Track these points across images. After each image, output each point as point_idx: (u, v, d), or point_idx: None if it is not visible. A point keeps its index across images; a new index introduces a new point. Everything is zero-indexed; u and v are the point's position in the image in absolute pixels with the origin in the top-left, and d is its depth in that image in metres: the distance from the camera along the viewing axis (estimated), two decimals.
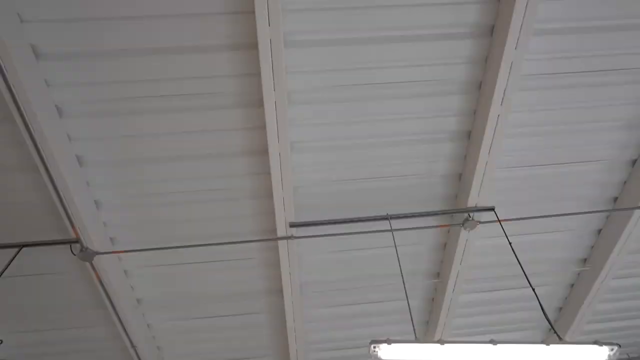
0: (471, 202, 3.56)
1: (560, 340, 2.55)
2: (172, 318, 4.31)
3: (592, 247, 4.38)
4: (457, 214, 3.68)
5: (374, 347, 2.46)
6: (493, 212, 3.61)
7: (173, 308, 4.22)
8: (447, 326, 4.52)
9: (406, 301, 4.32)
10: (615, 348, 2.48)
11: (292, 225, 3.51)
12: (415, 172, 3.56)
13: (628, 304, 5.14)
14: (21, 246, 3.26)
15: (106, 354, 4.54)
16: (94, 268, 3.39)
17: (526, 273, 3.24)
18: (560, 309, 4.90)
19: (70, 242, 3.28)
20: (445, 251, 4.13)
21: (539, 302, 2.83)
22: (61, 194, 2.95)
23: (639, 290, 4.99)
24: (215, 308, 4.27)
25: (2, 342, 3.06)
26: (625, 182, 3.86)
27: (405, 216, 3.63)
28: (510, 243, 3.25)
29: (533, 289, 2.87)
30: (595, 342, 2.50)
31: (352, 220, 3.61)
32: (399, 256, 3.85)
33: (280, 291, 4.03)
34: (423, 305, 4.62)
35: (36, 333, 4.20)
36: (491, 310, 4.77)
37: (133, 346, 4.15)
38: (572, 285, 4.75)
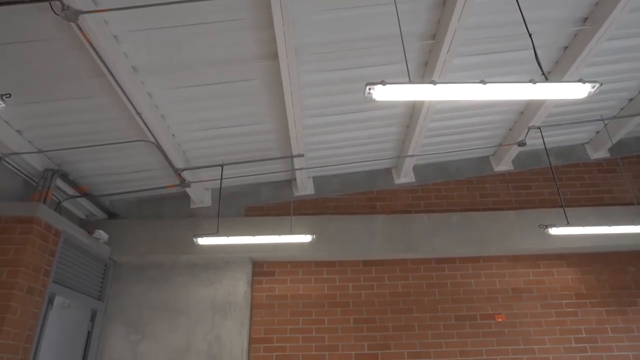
0: None
1: (547, 79, 2.67)
2: (170, 87, 4.41)
3: (597, 3, 4.24)
4: None
5: (369, 89, 2.57)
6: None
7: (170, 77, 4.27)
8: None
9: (404, 63, 4.37)
10: (597, 85, 2.62)
11: None
12: None
13: (617, 67, 5.26)
14: None
15: (112, 124, 4.79)
16: (80, 29, 3.28)
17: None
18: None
19: None
20: (444, 9, 3.99)
21: (534, 49, 2.86)
22: None
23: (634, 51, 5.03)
24: (211, 75, 4.32)
25: (10, 95, 3.17)
26: None
27: None
28: None
29: (530, 35, 2.86)
30: (579, 80, 2.62)
31: None
32: (398, 14, 3.71)
33: (275, 55, 4.03)
34: (417, 68, 4.70)
35: (35, 105, 4.33)
36: (488, 73, 4.89)
37: (138, 113, 4.34)
38: (566, 47, 4.77)
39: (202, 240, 5.22)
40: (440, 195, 6.58)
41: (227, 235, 5.17)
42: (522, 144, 5.99)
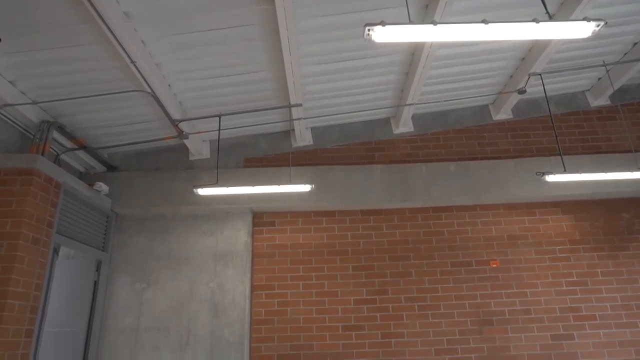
0: None
1: (551, 18, 2.60)
2: (164, 34, 4.29)
3: None
4: None
5: (368, 30, 2.51)
6: None
7: (163, 23, 4.14)
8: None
9: (404, 7, 4.24)
10: (602, 23, 2.56)
11: None
12: None
13: (623, 9, 5.10)
14: None
15: (106, 75, 4.70)
16: None
17: None
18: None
19: None
20: None
21: None
22: None
23: None
24: (206, 21, 4.19)
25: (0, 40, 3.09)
26: None
27: None
28: None
29: None
30: (584, 19, 2.55)
31: None
32: None
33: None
34: (417, 11, 4.56)
35: (26, 54, 4.23)
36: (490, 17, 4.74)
37: (132, 62, 4.25)
38: None
39: (202, 191, 5.26)
40: (439, 145, 6.58)
41: (227, 186, 5.20)
42: (522, 91, 5.92)
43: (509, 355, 5.72)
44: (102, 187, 5.74)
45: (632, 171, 5.10)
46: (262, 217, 6.36)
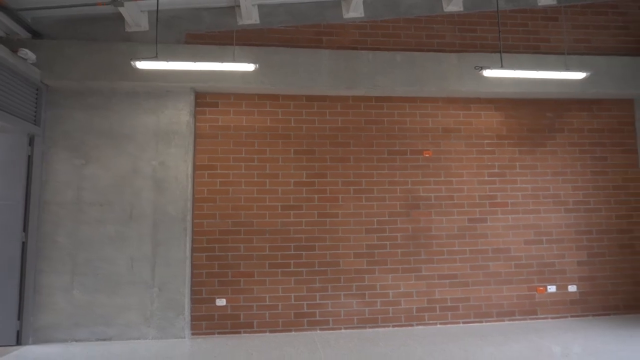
0: None
1: None
2: None
3: None
4: None
5: None
6: None
7: None
8: None
9: None
10: None
11: None
12: None
13: None
14: None
15: None
16: None
17: None
18: None
19: None
20: None
21: None
22: None
23: None
24: None
25: None
26: None
27: None
28: None
29: None
30: None
31: None
32: None
33: None
34: None
35: None
36: None
37: None
38: None
39: (141, 64, 5.03)
40: (388, 34, 6.53)
41: (167, 61, 4.99)
42: None
43: (430, 235, 6.43)
44: (28, 54, 5.31)
45: (560, 71, 5.41)
46: (205, 97, 6.25)
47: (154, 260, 5.83)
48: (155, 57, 5.08)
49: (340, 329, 6.12)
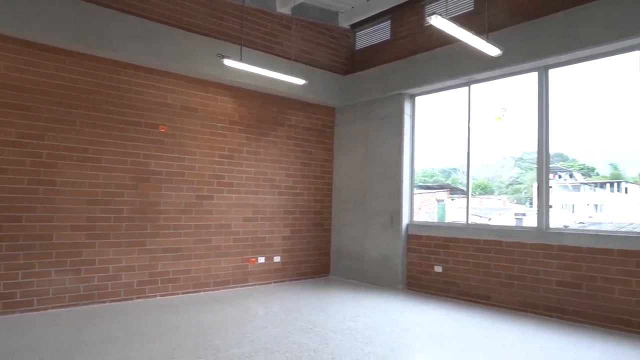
0: None
1: None
2: None
3: None
4: None
5: None
6: None
7: None
8: None
9: None
10: None
11: None
12: None
13: None
14: None
15: None
16: None
17: None
18: None
19: None
20: None
21: None
22: None
23: None
24: None
25: None
26: None
27: None
28: None
29: None
30: None
31: None
32: None
33: None
34: None
35: None
36: None
37: None
38: None
39: None
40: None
41: None
42: None
43: (158, 209, 6.46)
44: None
45: (287, 75, 6.34)
46: None
47: None
48: None
49: (47, 309, 5.51)
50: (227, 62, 6.03)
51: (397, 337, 4.80)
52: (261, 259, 7.62)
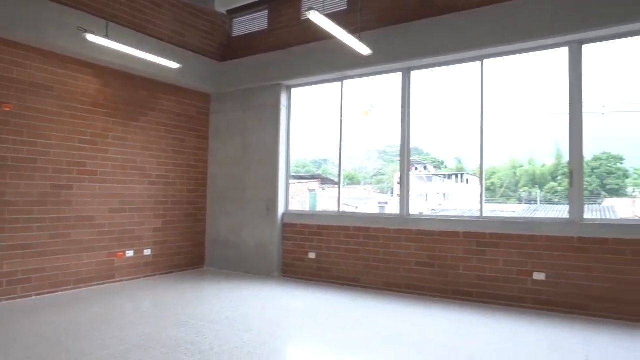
0: None
1: None
2: None
3: None
4: None
5: None
6: None
7: None
8: None
9: None
10: None
11: None
12: None
13: None
14: None
15: None
16: None
17: None
18: None
19: None
20: None
21: None
22: None
23: None
24: None
25: None
26: None
27: None
28: None
29: None
30: None
31: None
32: None
33: None
34: None
35: None
36: None
37: None
38: None
39: None
40: None
41: None
42: None
43: (3, 201, 5.62)
44: None
45: (158, 57, 5.99)
46: None
47: None
48: None
49: None
50: (91, 37, 5.47)
51: (275, 323, 4.94)
52: (130, 253, 7.12)
